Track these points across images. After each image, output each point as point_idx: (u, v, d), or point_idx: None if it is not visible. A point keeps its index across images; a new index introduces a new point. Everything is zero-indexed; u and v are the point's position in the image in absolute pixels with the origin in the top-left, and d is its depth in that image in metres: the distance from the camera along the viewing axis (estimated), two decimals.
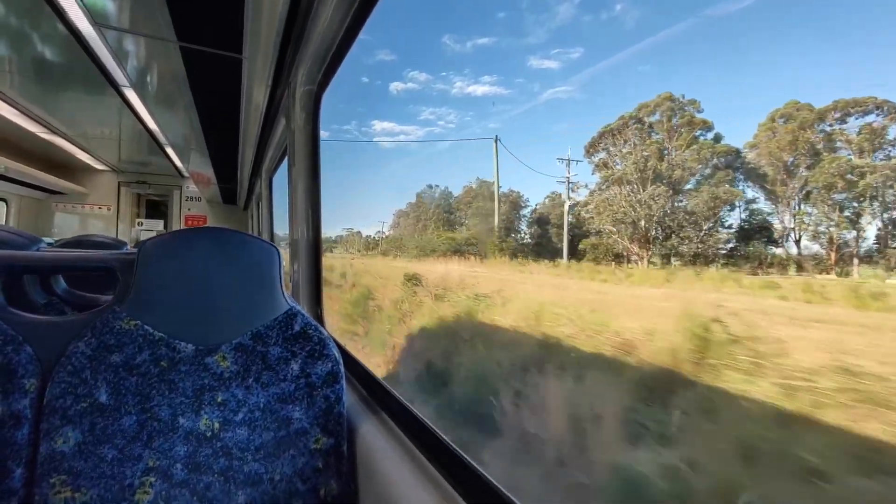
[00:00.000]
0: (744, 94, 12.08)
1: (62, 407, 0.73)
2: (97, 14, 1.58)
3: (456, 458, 0.70)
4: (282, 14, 1.30)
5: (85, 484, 0.71)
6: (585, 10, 18.30)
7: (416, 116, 23.57)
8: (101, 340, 0.76)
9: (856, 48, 8.99)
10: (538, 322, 4.03)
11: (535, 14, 21.07)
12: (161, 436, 0.75)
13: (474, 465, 0.67)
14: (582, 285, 7.35)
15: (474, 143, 22.40)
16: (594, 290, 6.68)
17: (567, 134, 20.60)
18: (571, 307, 4.09)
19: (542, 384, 2.99)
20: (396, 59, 25.40)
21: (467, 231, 14.80)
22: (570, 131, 18.79)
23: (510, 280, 8.08)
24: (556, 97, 18.50)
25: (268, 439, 0.80)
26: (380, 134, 24.23)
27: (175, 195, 6.41)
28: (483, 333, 4.36)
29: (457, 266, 10.50)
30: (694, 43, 12.85)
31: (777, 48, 10.86)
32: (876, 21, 8.71)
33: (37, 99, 3.15)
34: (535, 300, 4.64)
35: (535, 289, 7.06)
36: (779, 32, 11.47)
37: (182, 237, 0.85)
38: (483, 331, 4.47)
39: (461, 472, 0.68)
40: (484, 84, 21.53)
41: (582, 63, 18.18)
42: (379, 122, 25.13)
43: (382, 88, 26.65)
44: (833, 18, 9.91)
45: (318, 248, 1.53)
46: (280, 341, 0.84)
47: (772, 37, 11.04)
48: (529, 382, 3.08)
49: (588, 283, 7.54)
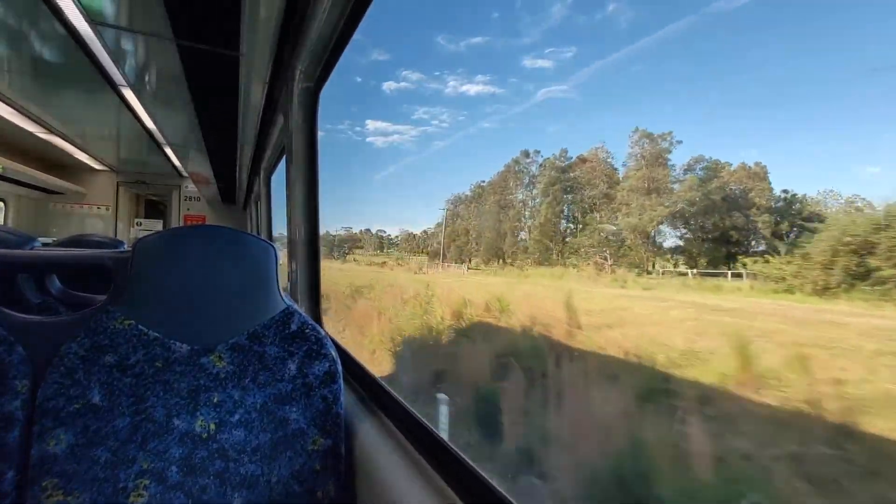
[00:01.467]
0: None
1: (54, 408, 0.71)
2: (94, 12, 1.57)
3: (454, 458, 0.69)
4: (279, 11, 1.29)
5: (78, 487, 0.70)
6: (577, 10, 18.60)
7: (409, 115, 23.83)
8: (94, 340, 0.75)
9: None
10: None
11: (530, 14, 21.29)
12: (155, 437, 0.74)
13: (472, 465, 0.66)
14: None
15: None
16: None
17: (559, 134, 20.85)
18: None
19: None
20: (390, 58, 25.59)
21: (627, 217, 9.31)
22: (563, 132, 19.04)
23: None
24: (549, 97, 18.74)
25: (264, 440, 0.78)
26: (373, 133, 24.59)
27: (174, 195, 6.39)
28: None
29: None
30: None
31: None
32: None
33: (35, 98, 3.14)
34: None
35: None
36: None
37: (178, 235, 0.84)
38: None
39: (459, 473, 0.67)
40: (478, 83, 21.71)
41: (575, 63, 18.42)
42: (372, 122, 25.44)
43: (376, 88, 26.86)
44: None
45: (317, 246, 1.52)
46: (277, 341, 0.83)
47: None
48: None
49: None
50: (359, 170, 30.82)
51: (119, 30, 1.69)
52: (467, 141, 24.71)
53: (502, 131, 21.89)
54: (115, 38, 1.76)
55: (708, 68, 13.89)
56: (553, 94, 18.86)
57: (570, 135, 22.19)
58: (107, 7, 1.54)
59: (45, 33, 2.15)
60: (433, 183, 30.58)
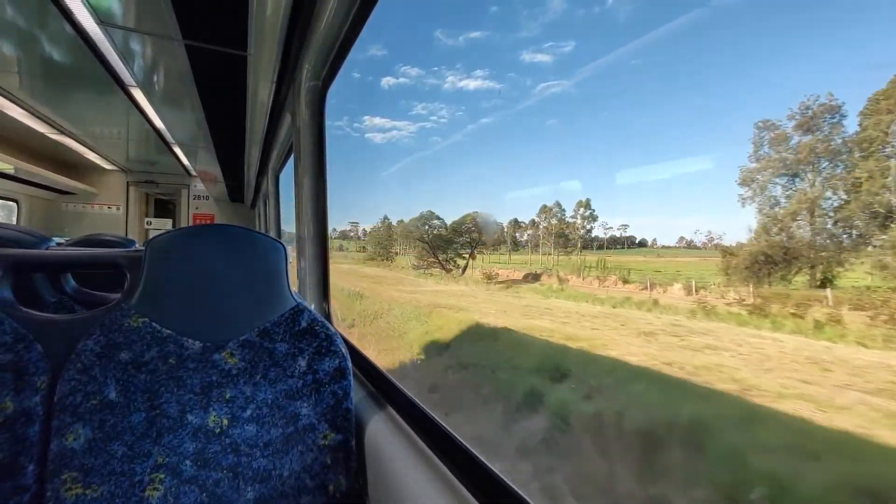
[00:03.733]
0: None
1: (72, 404, 0.73)
2: (103, 13, 1.58)
3: (465, 453, 0.69)
4: (285, 9, 1.30)
5: (95, 480, 0.71)
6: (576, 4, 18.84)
7: (406, 112, 24.25)
8: (109, 338, 0.76)
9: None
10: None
11: (528, 8, 21.54)
12: (170, 432, 0.76)
13: (483, 460, 0.66)
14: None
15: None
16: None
17: (557, 128, 21.14)
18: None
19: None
20: (387, 53, 25.75)
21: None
22: (560, 127, 19.30)
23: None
24: (548, 91, 18.99)
25: (276, 435, 0.80)
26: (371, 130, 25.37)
27: (183, 194, 6.45)
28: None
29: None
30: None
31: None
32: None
33: (45, 100, 3.18)
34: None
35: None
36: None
37: (189, 234, 0.85)
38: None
39: (470, 468, 0.67)
40: (476, 79, 21.98)
41: (575, 57, 18.57)
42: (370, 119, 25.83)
43: (375, 84, 27.04)
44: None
45: (325, 244, 1.53)
46: (287, 337, 0.84)
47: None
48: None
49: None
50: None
51: (128, 31, 1.70)
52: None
53: (496, 126, 22.32)
54: (123, 38, 1.78)
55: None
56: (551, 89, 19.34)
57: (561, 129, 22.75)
58: (115, 8, 1.55)
59: (55, 35, 2.17)
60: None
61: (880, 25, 11.95)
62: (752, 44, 14.50)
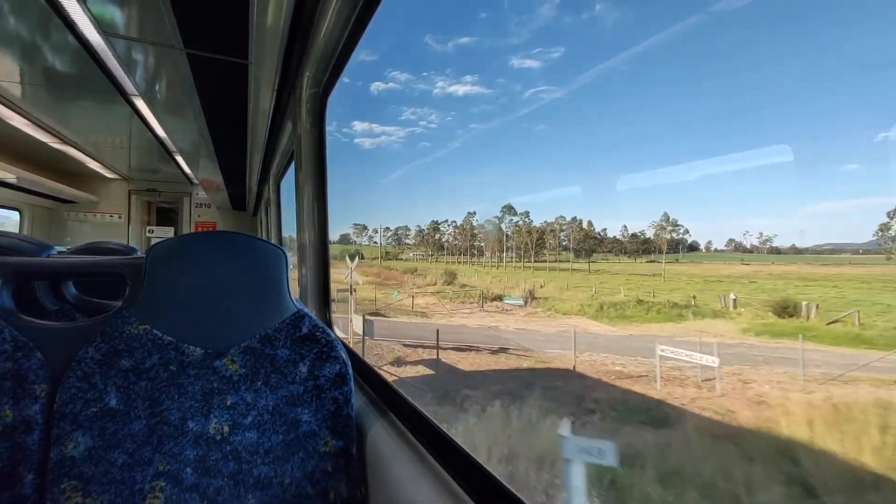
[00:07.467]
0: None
1: (72, 412, 0.73)
2: (105, 24, 1.59)
3: (466, 460, 0.69)
4: (286, 18, 1.31)
5: (96, 489, 0.71)
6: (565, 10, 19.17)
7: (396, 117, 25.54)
8: (110, 345, 0.76)
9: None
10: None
11: (518, 14, 22.20)
12: (171, 440, 0.75)
13: (485, 467, 0.66)
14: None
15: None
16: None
17: (547, 132, 21.70)
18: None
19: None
20: (377, 59, 26.46)
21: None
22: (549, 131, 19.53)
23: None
24: (537, 96, 19.44)
25: (277, 442, 0.79)
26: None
27: (185, 202, 6.46)
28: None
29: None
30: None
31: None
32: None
33: (48, 109, 3.20)
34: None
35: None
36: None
37: (190, 241, 0.85)
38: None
39: (470, 474, 0.67)
40: (466, 84, 22.64)
41: (563, 63, 18.88)
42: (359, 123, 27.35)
43: (364, 89, 28.04)
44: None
45: (326, 250, 1.53)
46: (288, 343, 0.84)
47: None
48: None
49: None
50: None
51: (130, 40, 1.72)
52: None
53: (489, 132, 22.55)
54: (126, 48, 1.79)
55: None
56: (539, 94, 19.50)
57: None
58: (118, 18, 1.56)
59: (58, 46, 2.18)
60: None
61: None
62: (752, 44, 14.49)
